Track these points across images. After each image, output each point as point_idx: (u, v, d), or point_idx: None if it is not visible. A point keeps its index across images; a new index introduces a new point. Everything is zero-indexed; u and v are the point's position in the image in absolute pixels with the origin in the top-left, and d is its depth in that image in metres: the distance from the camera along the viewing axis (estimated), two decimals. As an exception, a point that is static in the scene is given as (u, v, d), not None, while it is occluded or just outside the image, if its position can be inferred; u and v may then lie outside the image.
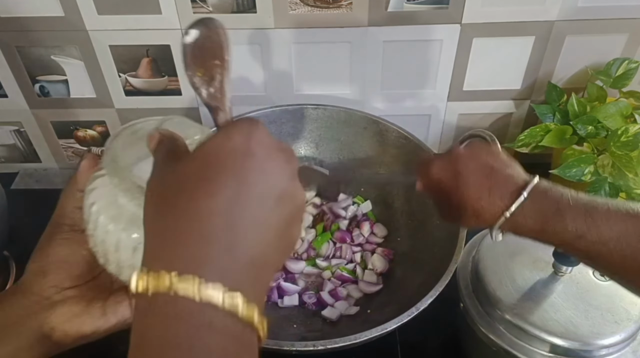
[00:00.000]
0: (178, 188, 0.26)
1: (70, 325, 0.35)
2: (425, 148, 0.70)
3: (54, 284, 0.35)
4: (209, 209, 0.25)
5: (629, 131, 0.64)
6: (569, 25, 0.73)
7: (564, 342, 0.50)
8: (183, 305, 0.24)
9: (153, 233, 0.27)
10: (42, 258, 0.36)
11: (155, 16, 0.72)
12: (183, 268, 0.24)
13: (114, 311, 0.37)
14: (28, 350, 0.35)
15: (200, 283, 0.24)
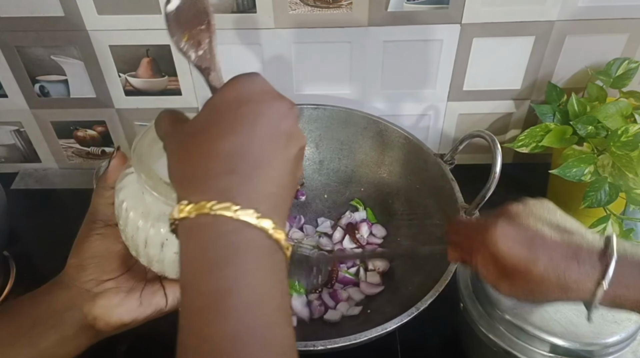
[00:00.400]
0: (200, 134, 0.29)
1: (110, 316, 0.38)
2: (426, 148, 0.70)
3: (93, 278, 0.38)
4: (227, 148, 0.28)
5: (629, 131, 0.64)
6: (569, 25, 0.73)
7: (564, 342, 0.50)
8: (223, 225, 0.27)
9: (182, 176, 0.29)
10: (79, 253, 0.39)
11: (155, 16, 0.72)
12: (219, 199, 0.27)
13: (149, 302, 0.40)
14: (73, 339, 0.38)
15: (236, 209, 0.27)
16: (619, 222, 0.67)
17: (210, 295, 0.27)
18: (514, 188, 0.61)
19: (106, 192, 0.39)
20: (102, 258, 0.39)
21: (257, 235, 0.28)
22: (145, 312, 0.40)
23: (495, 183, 0.58)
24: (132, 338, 0.67)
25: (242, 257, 0.27)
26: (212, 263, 0.27)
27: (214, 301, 0.27)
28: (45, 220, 0.81)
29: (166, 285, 0.41)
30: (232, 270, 0.27)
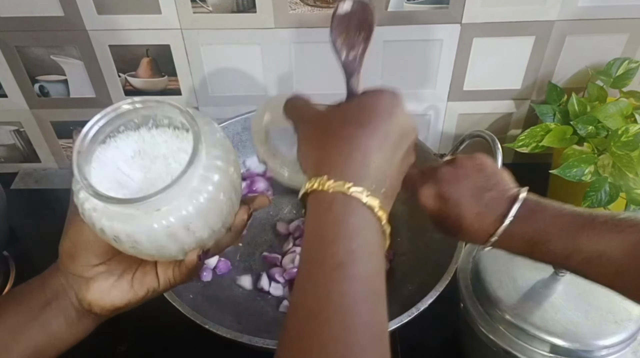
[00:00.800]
0: (340, 122, 0.35)
1: (103, 301, 0.40)
2: (426, 148, 0.70)
3: (84, 263, 0.39)
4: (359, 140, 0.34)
5: (629, 131, 0.64)
6: (570, 25, 0.73)
7: (565, 342, 0.50)
8: (338, 198, 0.33)
9: (317, 153, 0.35)
10: (68, 241, 0.39)
11: (155, 16, 0.72)
12: (339, 176, 0.33)
13: (141, 283, 0.41)
14: (78, 322, 0.40)
15: (349, 186, 0.32)
16: (619, 222, 0.67)
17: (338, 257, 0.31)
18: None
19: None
20: (90, 243, 0.39)
21: (362, 209, 0.33)
22: (138, 294, 0.41)
23: (495, 183, 0.58)
24: (132, 338, 0.67)
25: (349, 221, 0.32)
26: (327, 224, 0.32)
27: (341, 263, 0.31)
28: (45, 220, 0.81)
29: (158, 266, 0.41)
30: (357, 238, 0.32)
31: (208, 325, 0.51)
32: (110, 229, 0.35)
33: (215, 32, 0.74)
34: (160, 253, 0.37)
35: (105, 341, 0.67)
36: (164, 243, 0.36)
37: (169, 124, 0.38)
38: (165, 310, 0.53)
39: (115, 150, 0.38)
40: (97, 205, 0.35)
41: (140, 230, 0.34)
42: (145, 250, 0.36)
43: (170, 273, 0.41)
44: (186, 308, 0.53)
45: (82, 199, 0.35)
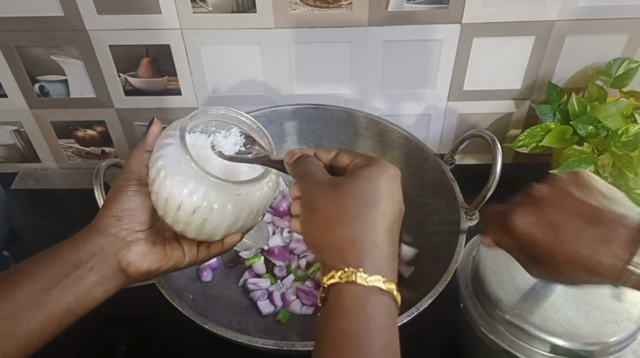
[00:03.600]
0: (343, 209, 0.35)
1: (141, 262, 0.43)
2: (426, 148, 0.70)
3: (128, 228, 0.43)
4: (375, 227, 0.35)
5: (629, 131, 0.64)
6: (570, 25, 0.73)
7: (565, 342, 0.50)
8: (363, 290, 0.33)
9: (337, 236, 0.35)
10: (115, 206, 0.44)
11: (155, 16, 0.72)
12: (356, 266, 0.33)
13: (172, 255, 0.45)
14: (109, 280, 0.42)
15: (366, 276, 0.33)
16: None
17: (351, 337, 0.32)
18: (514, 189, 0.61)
19: (143, 154, 0.45)
20: (136, 211, 0.44)
21: (380, 295, 0.33)
22: (168, 263, 0.45)
23: (495, 183, 0.58)
24: (132, 338, 0.67)
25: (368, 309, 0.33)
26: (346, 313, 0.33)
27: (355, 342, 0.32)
28: (45, 220, 0.81)
29: (184, 243, 0.46)
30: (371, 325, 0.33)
31: (208, 325, 0.51)
32: (194, 203, 0.41)
33: (215, 32, 0.74)
34: (213, 231, 0.44)
35: (105, 341, 0.67)
36: (227, 223, 0.44)
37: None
38: (165, 310, 0.53)
39: (202, 139, 0.45)
40: (188, 181, 0.41)
41: (219, 208, 0.42)
42: (208, 226, 0.43)
43: (194, 251, 0.46)
44: (186, 308, 0.53)
45: (170, 174, 0.41)
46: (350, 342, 0.32)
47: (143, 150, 0.45)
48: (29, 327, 0.38)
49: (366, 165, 0.37)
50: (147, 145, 0.45)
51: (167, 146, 0.43)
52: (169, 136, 0.43)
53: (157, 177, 0.42)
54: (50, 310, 0.40)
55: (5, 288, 0.39)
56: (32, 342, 0.39)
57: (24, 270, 0.40)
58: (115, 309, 0.69)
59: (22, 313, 0.38)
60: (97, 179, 0.55)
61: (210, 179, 0.41)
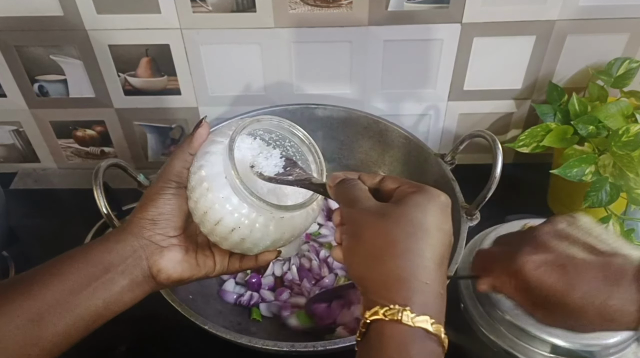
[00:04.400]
0: (391, 240, 0.33)
1: (174, 270, 0.42)
2: (426, 148, 0.70)
3: (162, 232, 0.42)
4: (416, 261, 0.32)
5: (630, 131, 0.64)
6: (570, 24, 0.73)
7: (565, 342, 0.50)
8: (401, 328, 0.31)
9: (383, 269, 0.33)
10: (152, 208, 0.42)
11: (154, 15, 0.72)
12: (403, 304, 0.31)
13: (204, 263, 0.44)
14: (139, 286, 0.41)
15: (412, 316, 0.31)
16: (620, 222, 0.67)
17: None
18: (514, 189, 0.61)
19: (187, 157, 0.43)
20: (172, 216, 0.42)
21: (427, 337, 0.31)
22: (201, 272, 0.44)
23: (496, 183, 0.58)
24: (132, 338, 0.67)
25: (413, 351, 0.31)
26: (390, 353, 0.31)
27: None
28: (44, 220, 0.80)
29: (216, 253, 0.45)
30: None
31: (208, 326, 0.51)
32: (235, 221, 0.40)
33: (215, 32, 0.74)
34: (250, 249, 0.42)
35: (105, 341, 0.66)
36: (266, 243, 0.42)
37: (278, 143, 0.45)
38: (165, 311, 0.53)
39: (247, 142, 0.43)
40: (231, 198, 0.39)
41: (260, 229, 0.40)
42: (246, 244, 0.41)
43: (225, 262, 0.45)
44: (186, 308, 0.53)
45: (213, 188, 0.39)
46: None
47: (187, 152, 0.43)
48: (55, 330, 0.37)
49: (415, 192, 0.35)
50: (192, 148, 0.43)
51: (213, 155, 0.40)
52: (216, 143, 0.41)
53: (198, 187, 0.40)
54: (78, 313, 0.38)
55: (33, 289, 0.37)
56: (58, 345, 0.37)
57: (53, 270, 0.39)
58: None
59: (50, 316, 0.37)
60: (97, 179, 0.54)
61: (255, 200, 0.39)
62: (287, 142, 0.44)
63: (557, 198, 0.80)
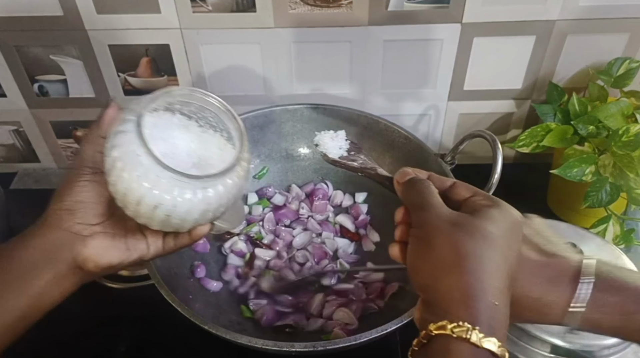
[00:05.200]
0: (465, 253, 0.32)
1: (100, 257, 0.40)
2: (426, 148, 0.70)
3: (82, 221, 0.40)
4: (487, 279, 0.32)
5: (630, 131, 0.64)
6: (570, 24, 0.73)
7: (565, 342, 0.50)
8: (468, 348, 0.30)
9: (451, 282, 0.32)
10: (68, 198, 0.40)
11: (154, 15, 0.72)
12: (472, 322, 0.30)
13: (135, 247, 0.42)
14: (65, 278, 0.40)
15: (481, 336, 0.30)
16: (620, 222, 0.67)
17: None
18: (514, 189, 0.61)
19: (98, 140, 0.41)
20: (91, 203, 0.40)
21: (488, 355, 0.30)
22: (131, 256, 0.42)
23: (496, 183, 0.58)
24: (132, 338, 0.67)
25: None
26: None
27: None
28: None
29: (148, 235, 0.43)
30: None
31: (207, 326, 0.51)
32: (155, 198, 0.38)
33: (214, 32, 0.74)
34: (180, 225, 0.41)
35: (105, 341, 0.67)
36: (194, 217, 0.40)
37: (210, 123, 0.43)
38: (165, 310, 0.53)
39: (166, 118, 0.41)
40: (148, 174, 0.37)
41: (184, 203, 0.39)
42: (174, 220, 0.39)
43: (160, 243, 0.43)
44: (186, 309, 0.53)
45: (127, 166, 0.37)
46: None
47: (97, 136, 0.41)
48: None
49: (490, 206, 0.34)
50: (102, 130, 0.41)
51: (123, 134, 0.38)
52: (126, 122, 0.38)
53: (113, 169, 0.38)
54: (1, 318, 0.37)
55: None
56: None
57: None
58: (115, 309, 0.69)
59: None
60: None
61: (171, 174, 0.37)
62: (208, 114, 0.43)
63: (557, 199, 0.80)
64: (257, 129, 0.76)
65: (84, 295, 0.71)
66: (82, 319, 0.68)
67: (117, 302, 0.70)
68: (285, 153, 0.79)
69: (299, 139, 0.79)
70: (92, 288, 0.70)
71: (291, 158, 0.80)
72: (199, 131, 0.43)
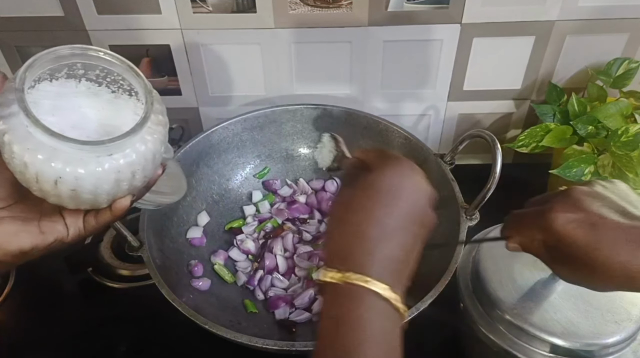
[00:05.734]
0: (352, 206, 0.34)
1: (9, 243, 0.37)
2: (426, 148, 0.70)
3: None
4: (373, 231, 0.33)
5: (629, 131, 0.64)
6: (569, 25, 0.73)
7: (564, 342, 0.50)
8: (356, 292, 0.32)
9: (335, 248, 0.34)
10: None
11: (155, 16, 0.72)
12: (357, 270, 0.32)
13: (51, 230, 0.39)
14: None
15: (368, 281, 0.32)
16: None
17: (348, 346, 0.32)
18: (514, 189, 0.61)
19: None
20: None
21: (381, 303, 0.33)
22: (47, 239, 0.39)
23: (495, 183, 0.58)
24: (132, 338, 0.67)
25: (368, 316, 0.32)
26: (343, 320, 0.32)
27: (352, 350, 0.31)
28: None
29: (66, 215, 0.40)
30: (366, 329, 0.32)
31: (208, 325, 0.51)
32: (54, 171, 0.34)
33: (215, 32, 0.74)
34: (94, 199, 0.37)
35: (105, 341, 0.67)
36: (105, 188, 0.36)
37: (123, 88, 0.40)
38: (165, 310, 0.53)
39: (70, 85, 0.38)
40: (41, 146, 0.34)
41: (89, 174, 0.35)
42: (83, 194, 0.36)
43: (80, 223, 0.40)
44: (186, 308, 0.53)
45: (16, 139, 0.34)
46: (343, 348, 0.31)
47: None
48: None
49: (380, 162, 0.37)
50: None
51: (8, 105, 0.34)
52: (9, 91, 0.35)
53: (3, 145, 0.35)
54: None
55: None
56: None
57: None
58: (115, 309, 0.69)
59: None
60: None
61: (65, 142, 0.33)
62: (116, 76, 0.40)
63: (556, 199, 0.80)
64: (258, 129, 0.76)
65: (84, 295, 0.72)
66: (82, 319, 0.69)
67: (117, 302, 0.70)
68: (285, 153, 0.80)
69: (300, 139, 0.79)
70: (92, 288, 0.71)
71: (291, 158, 0.80)
72: (111, 97, 0.39)
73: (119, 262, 0.72)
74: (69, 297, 0.72)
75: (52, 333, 0.67)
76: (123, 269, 0.71)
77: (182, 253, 0.68)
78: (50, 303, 0.71)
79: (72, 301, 0.72)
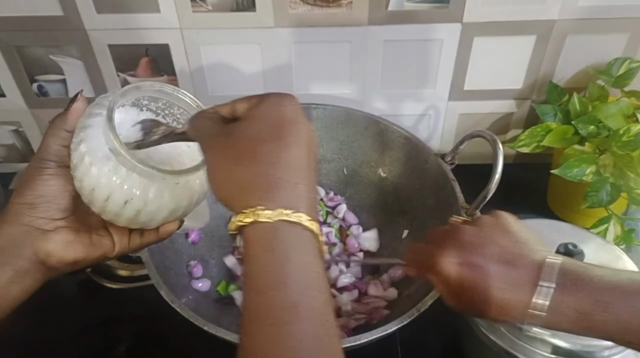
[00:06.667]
0: (239, 151, 0.33)
1: (65, 252, 0.39)
2: (426, 148, 0.70)
3: (45, 216, 0.39)
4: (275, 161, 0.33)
5: (630, 131, 0.64)
6: (570, 24, 0.73)
7: (566, 343, 0.50)
8: (280, 227, 0.32)
9: (236, 180, 0.33)
10: (29, 192, 0.39)
11: (154, 15, 0.72)
12: (270, 205, 0.32)
13: (100, 243, 0.41)
14: (26, 274, 0.38)
15: (270, 212, 0.32)
16: (621, 222, 0.67)
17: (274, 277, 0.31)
18: (514, 189, 0.61)
19: (62, 133, 0.40)
20: (54, 198, 0.39)
21: (297, 228, 0.32)
22: (96, 252, 0.41)
23: (496, 183, 0.57)
24: (132, 338, 0.67)
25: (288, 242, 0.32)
26: (266, 249, 0.32)
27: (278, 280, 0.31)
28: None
29: (113, 231, 0.42)
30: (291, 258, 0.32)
31: (207, 327, 0.51)
32: (126, 194, 0.37)
33: (214, 32, 0.74)
34: (149, 222, 0.40)
35: (105, 341, 0.67)
36: (163, 213, 0.40)
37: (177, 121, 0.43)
38: (165, 310, 0.53)
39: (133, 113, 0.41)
40: (119, 169, 0.36)
41: (155, 198, 0.38)
42: (143, 217, 0.39)
43: (125, 240, 0.43)
44: (185, 310, 0.52)
45: (96, 161, 0.36)
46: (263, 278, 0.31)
47: (62, 129, 0.40)
48: None
49: (257, 103, 0.35)
50: (68, 124, 0.40)
51: (92, 128, 0.37)
52: (94, 115, 0.38)
53: (80, 164, 0.37)
54: None
55: None
56: None
57: None
58: (115, 309, 0.69)
59: None
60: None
61: (143, 168, 0.36)
62: (175, 110, 0.43)
63: (557, 199, 0.80)
64: (257, 129, 0.76)
65: (84, 295, 0.72)
66: (81, 320, 0.69)
67: (117, 302, 0.70)
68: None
69: (299, 139, 0.78)
70: (92, 288, 0.71)
71: (291, 158, 0.80)
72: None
73: (118, 263, 0.72)
74: (68, 298, 0.72)
75: (51, 334, 0.67)
76: (122, 270, 0.71)
77: (181, 254, 0.67)
78: (50, 304, 0.70)
79: (71, 302, 0.72)
